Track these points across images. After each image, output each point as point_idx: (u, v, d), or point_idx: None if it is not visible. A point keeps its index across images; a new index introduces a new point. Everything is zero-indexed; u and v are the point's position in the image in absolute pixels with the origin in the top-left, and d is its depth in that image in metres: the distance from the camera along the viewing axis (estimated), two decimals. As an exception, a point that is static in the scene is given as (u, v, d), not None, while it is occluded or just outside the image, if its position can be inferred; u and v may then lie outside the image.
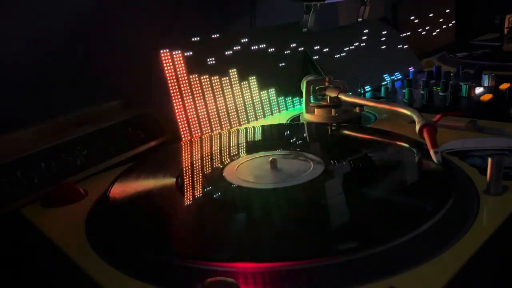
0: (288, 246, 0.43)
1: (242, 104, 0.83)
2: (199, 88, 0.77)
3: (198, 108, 0.77)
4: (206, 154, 0.71)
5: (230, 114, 0.81)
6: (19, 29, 0.77)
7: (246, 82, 0.84)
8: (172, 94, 0.74)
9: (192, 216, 0.52)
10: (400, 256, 0.40)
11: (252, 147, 0.71)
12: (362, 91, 0.96)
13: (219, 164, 0.64)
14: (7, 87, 0.76)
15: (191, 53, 0.77)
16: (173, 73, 0.74)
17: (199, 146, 0.74)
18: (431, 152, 0.57)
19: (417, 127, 0.64)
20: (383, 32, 1.17)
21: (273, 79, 0.88)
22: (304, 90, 0.83)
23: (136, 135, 0.72)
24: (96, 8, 0.86)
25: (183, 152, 0.72)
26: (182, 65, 0.76)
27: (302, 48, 0.95)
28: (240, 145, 0.75)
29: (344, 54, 1.03)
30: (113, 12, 0.89)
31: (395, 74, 1.09)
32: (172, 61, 0.74)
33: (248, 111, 0.84)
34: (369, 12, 1.17)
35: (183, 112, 0.75)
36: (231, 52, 0.83)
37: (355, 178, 0.58)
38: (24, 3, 0.77)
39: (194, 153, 0.72)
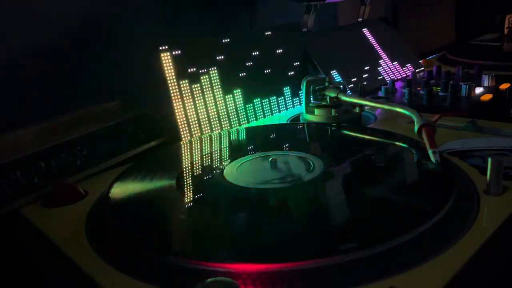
0: (288, 246, 0.43)
1: (242, 104, 0.83)
2: (199, 87, 0.77)
3: (198, 108, 0.77)
4: (206, 154, 0.71)
5: (230, 114, 0.81)
6: (18, 29, 0.77)
7: (246, 82, 0.84)
8: (172, 94, 0.74)
9: (192, 216, 0.52)
10: (400, 256, 0.40)
11: (252, 147, 0.71)
12: (362, 91, 0.96)
13: (219, 164, 0.64)
14: (7, 87, 0.76)
15: (190, 52, 0.77)
16: (173, 73, 0.74)
17: (199, 146, 0.74)
18: (430, 152, 0.58)
19: (416, 127, 0.64)
20: (383, 32, 1.17)
21: (273, 79, 0.88)
22: (304, 90, 0.83)
23: (136, 135, 0.72)
24: (96, 8, 0.86)
25: (183, 152, 0.72)
26: (182, 64, 0.76)
27: (302, 48, 0.95)
28: (240, 145, 0.75)
29: (344, 54, 1.03)
30: (113, 12, 0.89)
31: (395, 74, 1.09)
32: (172, 61, 0.74)
33: (248, 111, 0.84)
34: (369, 12, 1.17)
35: (183, 112, 0.75)
36: (231, 52, 0.83)
37: (355, 178, 0.58)
38: (25, 4, 0.77)
39: (194, 153, 0.72)
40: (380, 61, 1.08)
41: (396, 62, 1.12)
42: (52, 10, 0.80)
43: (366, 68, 1.03)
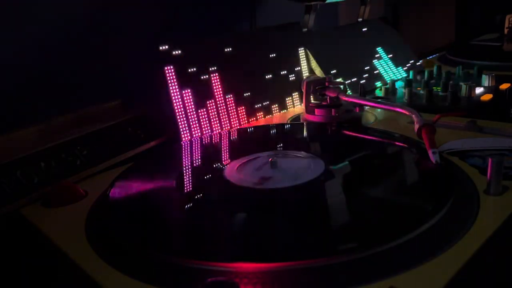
0: (288, 246, 0.43)
1: (242, 104, 0.83)
2: (199, 87, 0.77)
3: (198, 107, 0.77)
4: (206, 154, 0.71)
5: (230, 114, 0.81)
6: (18, 29, 0.77)
7: (246, 82, 0.84)
8: (172, 94, 0.74)
9: (192, 216, 0.52)
10: (400, 256, 0.40)
11: (252, 147, 0.71)
12: (362, 91, 0.96)
13: (219, 164, 0.64)
14: (6, 87, 0.76)
15: (191, 52, 0.77)
16: (173, 73, 0.74)
17: (199, 146, 0.74)
18: (429, 152, 0.58)
19: (416, 128, 0.64)
20: (383, 32, 1.17)
21: (272, 79, 0.88)
22: (304, 90, 0.83)
23: (136, 135, 0.72)
24: (96, 7, 0.86)
25: (183, 152, 0.72)
26: (182, 64, 0.75)
27: (302, 48, 0.95)
28: (240, 145, 0.75)
29: (344, 54, 1.03)
30: (113, 11, 0.89)
31: (395, 74, 1.09)
32: (172, 61, 0.74)
33: (248, 111, 0.84)
34: (369, 12, 1.18)
35: (183, 112, 0.75)
36: (230, 51, 0.83)
37: (355, 178, 0.58)
38: (24, 3, 0.77)
39: (194, 153, 0.72)
40: (380, 61, 1.08)
41: (396, 62, 1.12)
42: (52, 10, 0.80)
43: (366, 68, 1.03)
